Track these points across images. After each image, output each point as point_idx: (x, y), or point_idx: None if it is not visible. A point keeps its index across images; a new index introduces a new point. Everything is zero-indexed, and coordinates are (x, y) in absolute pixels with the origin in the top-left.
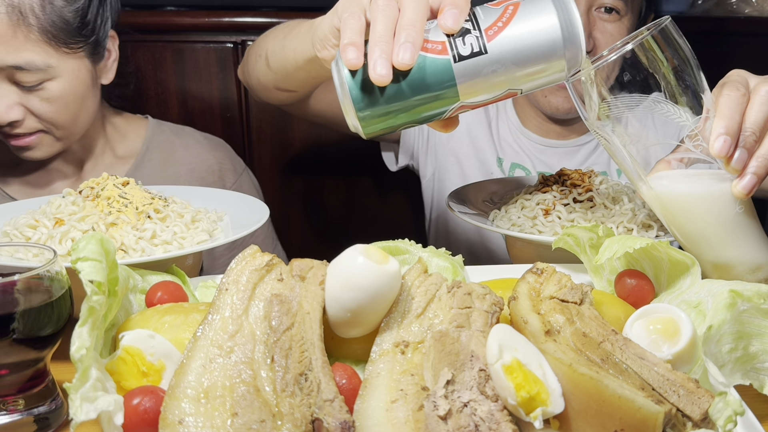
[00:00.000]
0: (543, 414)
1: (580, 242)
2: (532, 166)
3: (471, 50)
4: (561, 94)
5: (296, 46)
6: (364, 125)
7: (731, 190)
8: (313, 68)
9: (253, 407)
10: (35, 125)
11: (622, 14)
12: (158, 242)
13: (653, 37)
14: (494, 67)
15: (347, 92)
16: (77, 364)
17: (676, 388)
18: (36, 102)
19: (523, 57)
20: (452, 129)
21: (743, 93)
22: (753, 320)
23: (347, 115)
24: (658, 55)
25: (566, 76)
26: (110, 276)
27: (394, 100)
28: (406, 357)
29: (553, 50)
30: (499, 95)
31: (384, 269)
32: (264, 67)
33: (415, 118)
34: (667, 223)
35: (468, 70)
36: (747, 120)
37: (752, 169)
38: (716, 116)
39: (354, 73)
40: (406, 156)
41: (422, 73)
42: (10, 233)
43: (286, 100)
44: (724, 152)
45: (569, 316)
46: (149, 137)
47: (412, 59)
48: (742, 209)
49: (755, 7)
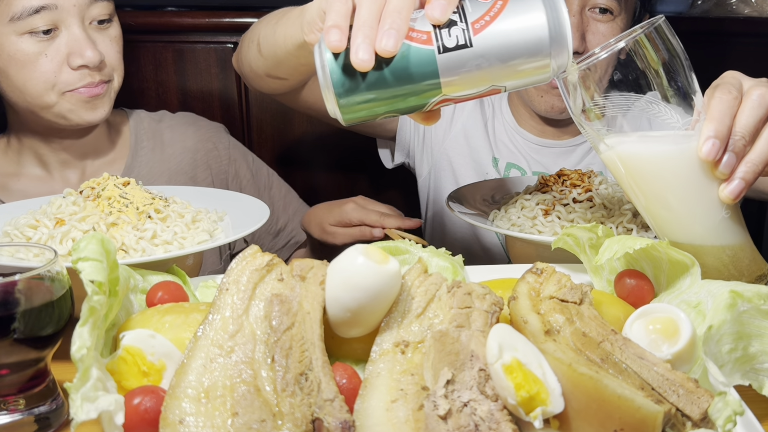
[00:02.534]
0: (543, 413)
1: (579, 242)
2: (527, 166)
3: (456, 42)
4: (556, 93)
5: (286, 32)
6: (344, 112)
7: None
8: (303, 54)
9: (254, 407)
10: (107, 71)
11: (615, 15)
12: (159, 242)
13: (646, 36)
14: (478, 62)
15: (328, 76)
16: (78, 363)
17: (676, 388)
18: (107, 42)
19: (508, 53)
20: (433, 122)
21: (735, 96)
22: (753, 321)
23: (327, 100)
24: (651, 54)
25: (551, 77)
26: (111, 276)
27: (375, 87)
28: (406, 357)
29: (539, 49)
30: (483, 91)
31: (384, 269)
32: (256, 54)
33: (396, 108)
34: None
35: (452, 62)
36: (737, 124)
37: (740, 174)
38: (706, 119)
39: (336, 57)
40: (402, 154)
41: (405, 62)
42: (11, 233)
43: (277, 88)
44: (712, 156)
45: (569, 315)
46: (134, 127)
47: (395, 46)
48: (728, 214)
49: (754, 7)
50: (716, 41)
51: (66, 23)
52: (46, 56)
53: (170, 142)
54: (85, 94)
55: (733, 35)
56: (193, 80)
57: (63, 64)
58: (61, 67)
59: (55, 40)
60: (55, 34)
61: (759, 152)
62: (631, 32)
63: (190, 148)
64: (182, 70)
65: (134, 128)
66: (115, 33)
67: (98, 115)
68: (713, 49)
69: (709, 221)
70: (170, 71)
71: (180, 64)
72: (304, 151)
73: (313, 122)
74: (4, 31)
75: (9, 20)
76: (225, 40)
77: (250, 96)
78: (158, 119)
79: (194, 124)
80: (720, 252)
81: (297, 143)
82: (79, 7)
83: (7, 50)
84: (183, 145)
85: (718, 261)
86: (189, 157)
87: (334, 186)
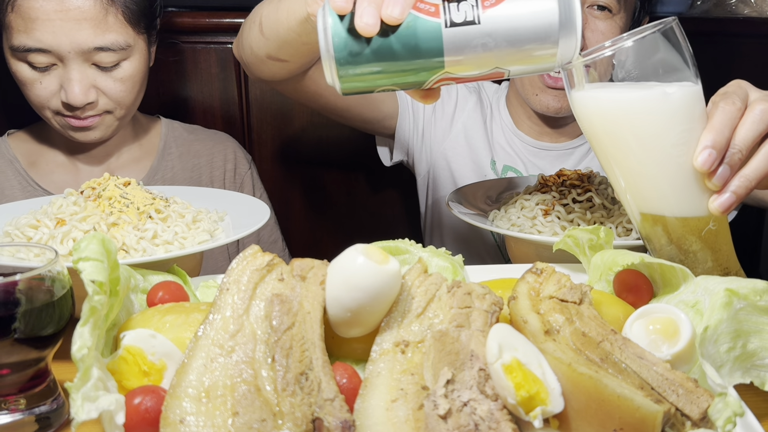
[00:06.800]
0: (542, 413)
1: (579, 243)
2: (524, 168)
3: (464, 18)
4: (551, 93)
5: (290, 7)
6: (343, 80)
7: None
8: (305, 31)
9: (254, 406)
10: (104, 106)
11: (614, 12)
12: (159, 242)
13: (661, 34)
14: (484, 40)
15: (330, 41)
16: (78, 363)
17: (675, 388)
18: (109, 82)
19: (516, 35)
20: (432, 101)
21: (739, 107)
22: (750, 317)
23: (326, 67)
24: (661, 54)
25: (557, 65)
26: (112, 276)
27: (377, 57)
28: (406, 356)
29: (547, 34)
30: (486, 72)
31: (384, 269)
32: (257, 34)
33: (395, 82)
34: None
35: (457, 38)
36: (736, 136)
37: (732, 187)
38: (706, 128)
39: (340, 20)
40: (401, 152)
41: (410, 32)
42: (12, 233)
43: (278, 72)
44: (707, 166)
45: (569, 315)
46: (165, 133)
47: (401, 14)
48: (715, 227)
49: (754, 7)
50: (716, 41)
51: (65, 60)
52: (41, 83)
53: (197, 153)
54: (73, 123)
55: (732, 35)
56: (193, 80)
57: (56, 93)
58: (53, 95)
59: (51, 71)
60: (53, 67)
61: (754, 168)
62: (641, 30)
63: (214, 163)
64: (182, 70)
65: (165, 134)
66: (124, 74)
67: (88, 138)
68: (713, 50)
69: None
70: (170, 71)
71: (180, 65)
72: (304, 150)
73: (313, 122)
74: (7, 50)
75: (9, 47)
76: (225, 40)
77: (250, 96)
78: (191, 131)
79: (225, 142)
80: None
81: (297, 143)
82: (78, 53)
83: (11, 68)
84: (208, 159)
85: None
86: (209, 173)
87: (333, 186)
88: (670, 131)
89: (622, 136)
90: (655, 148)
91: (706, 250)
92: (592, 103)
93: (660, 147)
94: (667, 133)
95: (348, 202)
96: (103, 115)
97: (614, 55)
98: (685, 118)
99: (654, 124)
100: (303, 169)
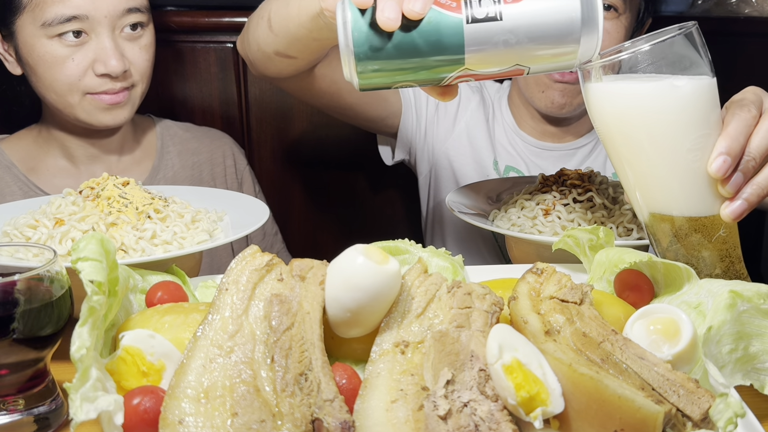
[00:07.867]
0: (543, 414)
1: (579, 243)
2: (526, 169)
3: (486, 14)
4: (557, 87)
5: (301, 2)
6: (361, 76)
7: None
8: (316, 27)
9: (253, 407)
10: (132, 77)
11: (620, 12)
12: (158, 242)
13: (684, 37)
14: (506, 37)
15: (349, 35)
16: (77, 363)
17: (676, 388)
18: (135, 50)
19: (538, 32)
20: (450, 98)
21: (754, 115)
22: (753, 320)
23: (345, 63)
24: (681, 58)
25: (577, 63)
26: (110, 276)
27: (397, 52)
28: (406, 357)
29: (570, 31)
30: (506, 69)
31: (384, 269)
32: (265, 30)
33: (414, 78)
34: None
35: (479, 34)
36: (751, 144)
37: (745, 195)
38: (721, 135)
39: (361, 15)
40: (403, 151)
41: (431, 27)
42: (11, 233)
43: (285, 69)
44: (721, 173)
45: (569, 316)
46: (160, 132)
47: (423, 9)
48: (725, 233)
49: (755, 7)
50: (716, 41)
51: (96, 31)
52: (72, 60)
53: (196, 151)
54: (105, 100)
55: (733, 35)
56: (192, 80)
57: (88, 69)
58: (85, 72)
59: (83, 46)
60: (84, 40)
61: (767, 176)
62: (661, 32)
63: (214, 159)
64: (182, 69)
65: (161, 134)
66: (146, 41)
67: (117, 119)
68: (713, 49)
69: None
70: (170, 71)
71: (179, 64)
72: (304, 150)
73: (313, 121)
74: (35, 33)
75: (41, 25)
76: (225, 40)
77: (250, 96)
78: (185, 128)
79: (221, 139)
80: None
81: (297, 143)
82: (110, 18)
83: (38, 51)
84: (207, 156)
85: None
86: (210, 170)
87: (333, 186)
88: (687, 136)
89: (635, 132)
90: (668, 148)
91: (715, 256)
92: (606, 96)
93: (673, 149)
94: (683, 138)
95: (348, 202)
96: (130, 90)
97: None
98: (702, 121)
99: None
100: (303, 168)
